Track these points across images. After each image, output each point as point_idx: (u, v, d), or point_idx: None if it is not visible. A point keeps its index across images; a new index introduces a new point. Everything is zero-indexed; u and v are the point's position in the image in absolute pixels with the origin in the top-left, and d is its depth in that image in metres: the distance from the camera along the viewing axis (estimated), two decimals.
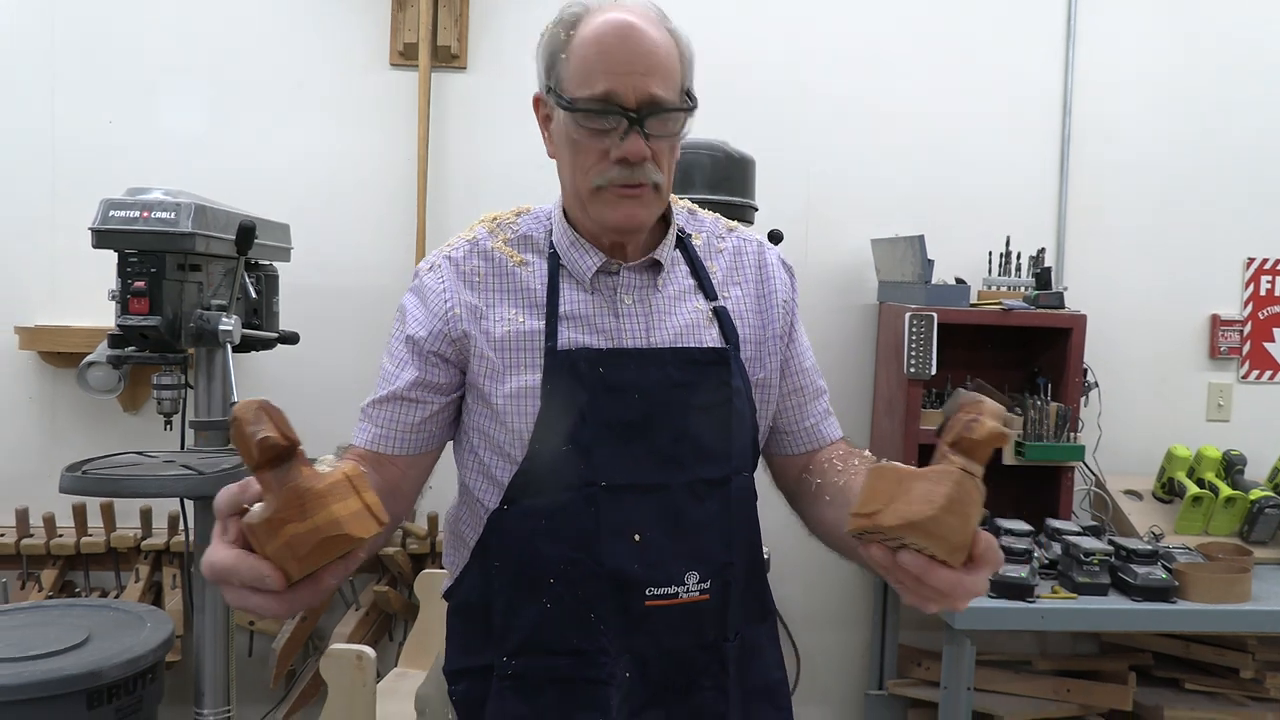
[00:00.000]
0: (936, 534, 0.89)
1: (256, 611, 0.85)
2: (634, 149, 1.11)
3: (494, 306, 1.19)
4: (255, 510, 0.82)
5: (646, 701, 1.17)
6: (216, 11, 2.72)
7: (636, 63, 1.10)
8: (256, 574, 0.81)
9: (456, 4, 2.75)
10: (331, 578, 0.85)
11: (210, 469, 1.89)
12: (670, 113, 1.12)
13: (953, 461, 0.91)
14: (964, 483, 0.90)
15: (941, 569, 0.90)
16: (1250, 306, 3.04)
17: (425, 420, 1.20)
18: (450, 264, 1.21)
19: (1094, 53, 2.96)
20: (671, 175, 1.18)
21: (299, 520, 0.81)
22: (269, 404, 0.82)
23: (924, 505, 0.89)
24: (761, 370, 1.25)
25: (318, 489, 0.82)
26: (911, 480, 0.91)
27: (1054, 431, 2.55)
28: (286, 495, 0.81)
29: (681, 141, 1.20)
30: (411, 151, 2.74)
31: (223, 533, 0.84)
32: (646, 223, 1.18)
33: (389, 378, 1.21)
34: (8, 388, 2.70)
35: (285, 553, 0.81)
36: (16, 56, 2.67)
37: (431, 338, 1.19)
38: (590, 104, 1.11)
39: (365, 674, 1.95)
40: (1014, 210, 2.94)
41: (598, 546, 1.13)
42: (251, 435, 0.80)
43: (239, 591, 0.83)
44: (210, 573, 0.84)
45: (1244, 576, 2.34)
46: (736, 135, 2.44)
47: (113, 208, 1.89)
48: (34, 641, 2.00)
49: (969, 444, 0.91)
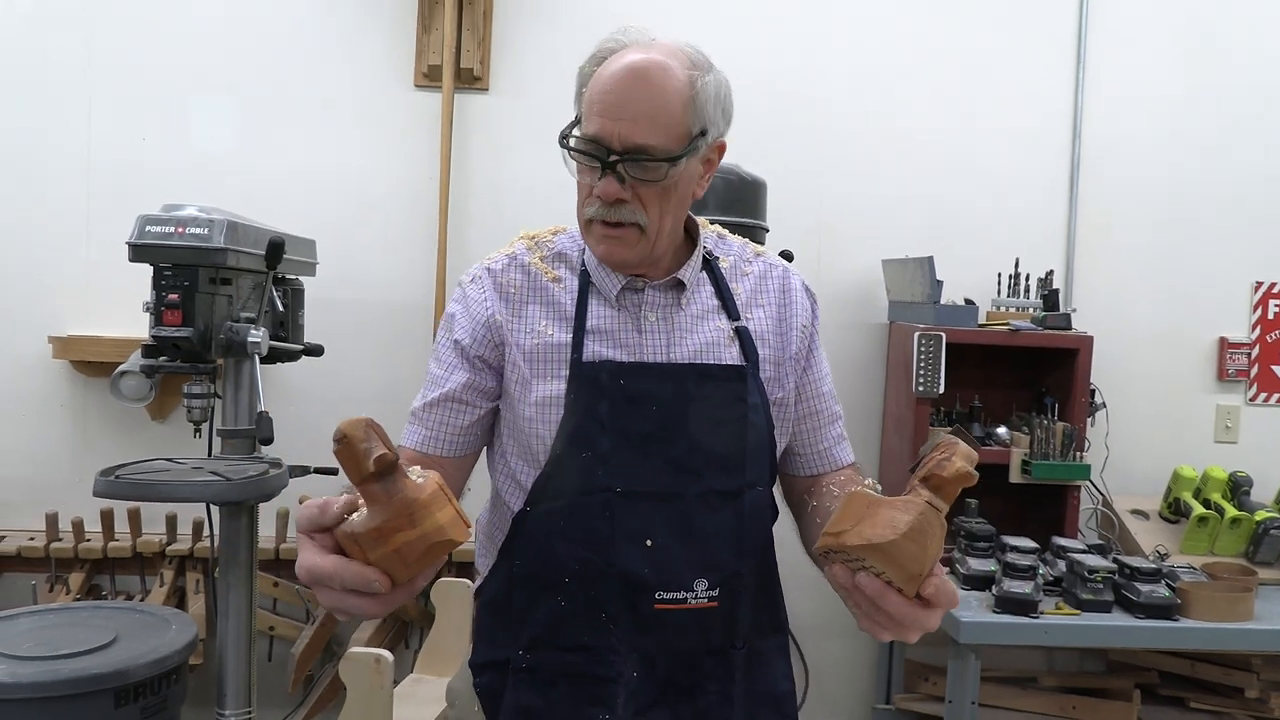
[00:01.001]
0: (895, 559, 0.95)
1: (353, 612, 0.91)
2: (605, 190, 1.17)
3: (527, 318, 1.26)
4: (356, 520, 0.89)
5: (653, 701, 1.22)
6: (247, 33, 2.81)
7: (627, 109, 1.15)
8: (363, 579, 0.88)
9: (479, 28, 2.83)
10: (422, 579, 0.91)
11: (237, 475, 1.95)
12: (651, 161, 1.17)
13: (920, 494, 0.98)
14: (927, 514, 0.96)
15: (896, 595, 0.96)
16: (1258, 330, 3.07)
17: (472, 424, 1.27)
18: (490, 275, 1.29)
19: (1103, 76, 3.01)
20: (667, 217, 1.22)
21: (409, 529, 0.87)
22: (374, 422, 0.89)
23: (886, 529, 0.95)
24: (780, 390, 1.31)
25: (422, 499, 0.88)
26: (880, 506, 0.98)
27: (1060, 451, 2.59)
28: (396, 506, 0.87)
29: (706, 178, 1.26)
30: (434, 170, 2.82)
31: (312, 543, 0.91)
32: (630, 261, 1.24)
33: (438, 381, 1.27)
34: (41, 395, 2.78)
35: (394, 559, 0.88)
36: (55, 74, 2.76)
37: (476, 343, 1.25)
38: (579, 142, 1.19)
39: (383, 677, 2.00)
40: (1023, 232, 2.99)
41: (611, 549, 1.18)
42: (366, 452, 0.86)
43: (338, 594, 0.90)
44: (309, 578, 0.90)
45: (1247, 596, 2.37)
46: (750, 157, 2.50)
47: (149, 223, 1.95)
48: (63, 641, 2.07)
49: (938, 480, 0.98)
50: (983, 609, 2.31)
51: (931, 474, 0.98)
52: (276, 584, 2.74)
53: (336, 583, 0.89)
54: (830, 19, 2.95)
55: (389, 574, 0.88)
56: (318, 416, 2.76)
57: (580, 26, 2.86)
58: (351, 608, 0.91)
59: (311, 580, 0.90)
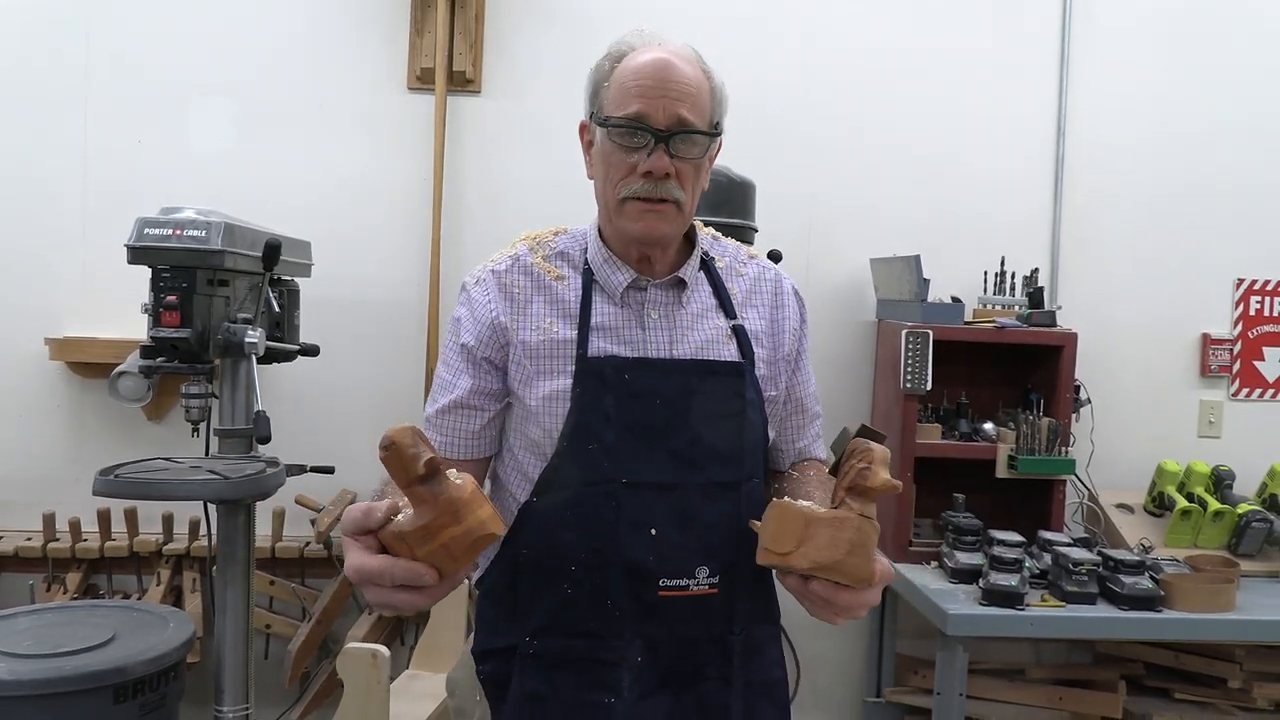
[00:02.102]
0: (844, 573, 1.07)
1: (401, 607, 0.98)
2: (658, 164, 1.23)
3: (532, 315, 1.30)
4: (403, 521, 0.96)
5: (656, 686, 1.26)
6: (242, 36, 2.83)
7: (669, 89, 1.22)
8: (414, 574, 0.95)
9: (472, 31, 2.86)
10: (464, 572, 0.99)
11: (234, 474, 1.97)
12: (696, 135, 1.24)
13: (850, 507, 1.08)
14: (863, 527, 1.07)
15: (846, 592, 1.09)
16: (1240, 326, 3.12)
17: (484, 427, 1.32)
18: (494, 277, 1.33)
19: (1087, 75, 3.05)
20: (695, 197, 1.29)
21: (454, 525, 0.95)
22: (418, 429, 0.96)
23: (831, 551, 1.07)
24: (774, 389, 1.37)
25: (464, 498, 0.96)
26: (817, 526, 1.07)
27: (1045, 446, 2.63)
28: (442, 505, 0.94)
29: (708, 169, 1.32)
30: (427, 171, 2.84)
31: (358, 545, 0.98)
32: (667, 235, 1.29)
33: (447, 386, 1.32)
34: (38, 396, 2.80)
35: (442, 553, 0.95)
36: (52, 77, 2.78)
37: (482, 344, 1.30)
38: (623, 121, 1.23)
39: (380, 672, 2.02)
40: (1009, 231, 3.03)
41: (616, 538, 1.23)
42: (415, 456, 0.93)
43: (387, 591, 0.97)
44: (359, 577, 0.97)
45: (1229, 587, 2.41)
46: (741, 158, 2.53)
47: (147, 225, 1.98)
48: (62, 639, 2.08)
49: (863, 490, 1.08)
50: (970, 602, 2.35)
51: (855, 484, 1.08)
52: (273, 582, 2.76)
53: (387, 580, 0.95)
54: (815, 20, 2.98)
55: (436, 568, 0.96)
56: (314, 416, 2.79)
57: (571, 29, 2.89)
58: (400, 602, 0.98)
59: (361, 579, 0.97)
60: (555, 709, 1.25)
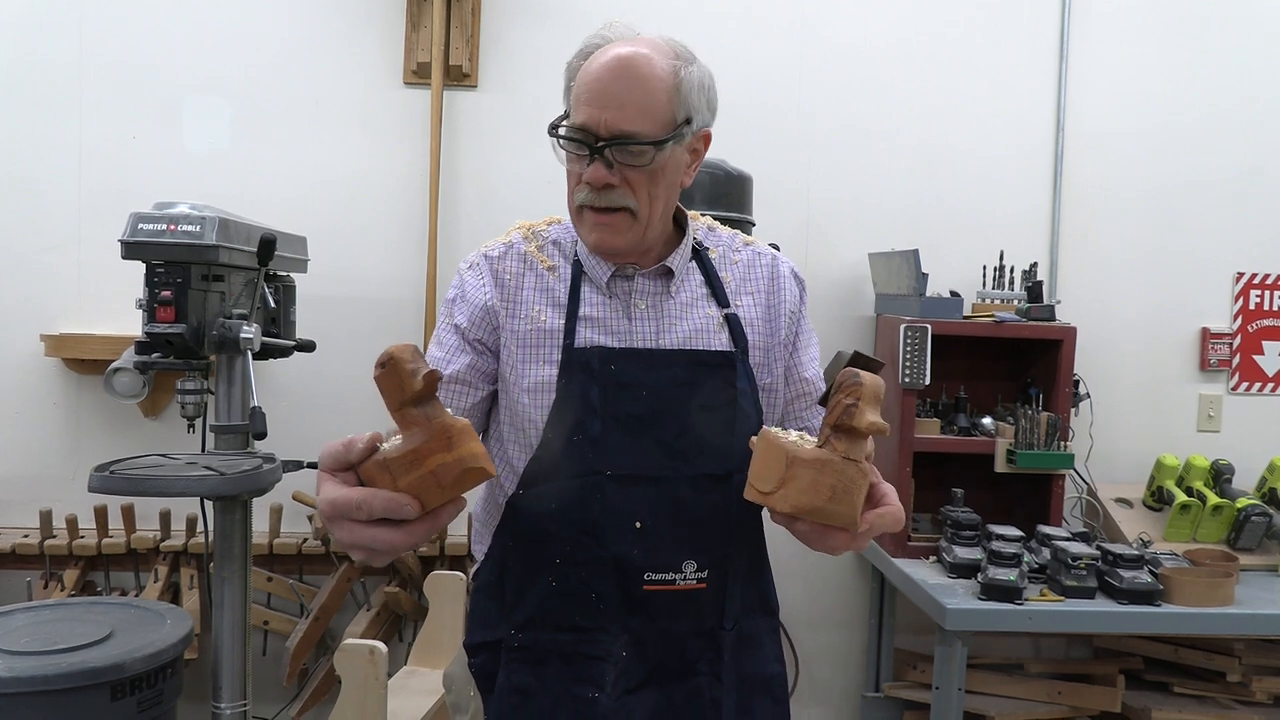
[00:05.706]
0: (825, 517, 1.00)
1: (376, 546, 0.91)
2: (594, 175, 1.21)
3: (522, 304, 1.29)
4: (388, 448, 0.90)
5: (643, 681, 1.25)
6: (237, 32, 2.82)
7: (614, 98, 1.19)
8: (395, 504, 0.89)
9: (468, 26, 2.85)
10: (447, 515, 0.93)
11: (231, 470, 1.96)
12: (634, 145, 1.20)
13: (835, 448, 0.98)
14: (846, 470, 0.98)
15: (836, 534, 1.04)
16: (1240, 320, 3.12)
17: (473, 406, 1.30)
18: (488, 262, 1.32)
19: (1086, 70, 3.04)
20: (659, 201, 1.26)
21: (445, 451, 0.89)
22: (418, 348, 0.91)
23: (812, 496, 0.98)
24: (769, 376, 1.35)
25: (459, 426, 0.90)
26: (799, 466, 0.98)
27: (1044, 440, 2.62)
28: (435, 429, 0.89)
29: (694, 167, 1.30)
30: (424, 166, 2.84)
31: (334, 479, 0.92)
32: (621, 248, 1.27)
33: (440, 364, 1.30)
34: (33, 393, 2.79)
35: (429, 481, 0.89)
36: (46, 74, 2.77)
37: (474, 326, 1.29)
38: (568, 131, 1.23)
39: (378, 668, 2.03)
40: (1008, 226, 3.02)
41: (601, 531, 1.22)
42: (413, 372, 0.88)
43: (361, 527, 0.90)
44: (333, 510, 0.90)
45: (1227, 581, 2.41)
46: (738, 152, 2.53)
47: (141, 221, 1.96)
48: (60, 636, 2.08)
49: (849, 429, 0.98)
50: (969, 597, 2.35)
51: (841, 423, 0.98)
52: (270, 578, 2.76)
53: (364, 512, 0.89)
54: (814, 15, 2.97)
55: (420, 499, 0.89)
56: (310, 411, 2.78)
57: (567, 23, 2.88)
58: (377, 541, 0.91)
59: (336, 512, 0.91)
60: (541, 703, 1.24)
